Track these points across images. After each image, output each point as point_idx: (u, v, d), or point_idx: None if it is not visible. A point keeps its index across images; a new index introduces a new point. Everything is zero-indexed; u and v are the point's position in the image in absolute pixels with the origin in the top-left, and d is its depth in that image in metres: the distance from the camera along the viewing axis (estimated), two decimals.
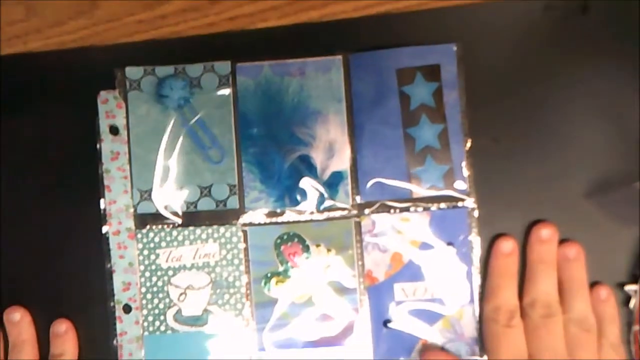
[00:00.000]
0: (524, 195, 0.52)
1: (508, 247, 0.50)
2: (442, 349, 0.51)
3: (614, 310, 0.50)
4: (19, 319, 0.52)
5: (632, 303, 0.50)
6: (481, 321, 0.50)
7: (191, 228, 0.53)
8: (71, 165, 0.53)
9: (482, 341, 0.50)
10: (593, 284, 0.50)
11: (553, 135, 0.52)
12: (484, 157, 0.52)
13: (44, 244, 0.53)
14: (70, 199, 0.53)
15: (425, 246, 0.52)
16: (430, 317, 0.51)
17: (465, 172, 0.51)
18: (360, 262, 0.52)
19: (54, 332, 0.52)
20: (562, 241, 0.50)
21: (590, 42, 0.52)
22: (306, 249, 0.52)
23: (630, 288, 0.50)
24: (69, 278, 0.53)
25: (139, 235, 0.53)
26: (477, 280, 0.51)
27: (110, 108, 0.53)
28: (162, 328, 0.53)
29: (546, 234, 0.50)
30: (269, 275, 0.52)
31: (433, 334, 0.51)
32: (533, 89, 0.52)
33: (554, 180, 0.52)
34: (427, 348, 0.51)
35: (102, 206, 0.53)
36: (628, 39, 0.51)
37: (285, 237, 0.52)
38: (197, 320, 0.53)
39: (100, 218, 0.53)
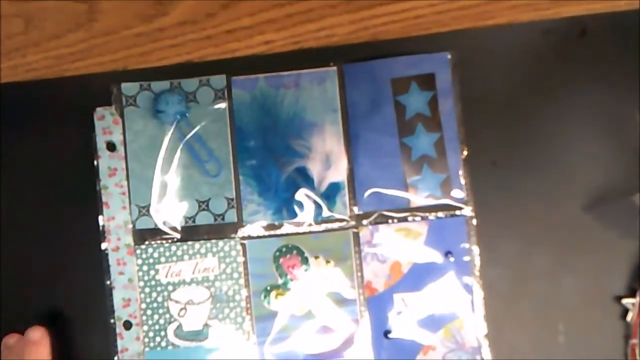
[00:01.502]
0: (522, 204, 0.51)
1: None
2: (444, 358, 0.51)
3: None
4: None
5: (630, 316, 0.50)
6: None
7: (190, 243, 0.53)
8: (69, 183, 0.53)
9: None
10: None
11: (551, 145, 0.52)
12: (481, 165, 0.52)
13: (43, 260, 0.53)
14: (69, 216, 0.53)
15: (424, 256, 0.51)
16: (431, 327, 0.51)
17: (462, 181, 0.51)
18: (359, 273, 0.52)
19: (29, 339, 0.50)
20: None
21: (587, 60, 0.52)
22: (305, 261, 0.52)
23: (628, 301, 0.50)
24: (68, 295, 0.53)
25: (138, 251, 0.53)
26: (476, 289, 0.51)
27: (107, 124, 0.53)
28: (163, 344, 0.52)
29: None
30: (268, 288, 0.52)
31: (434, 344, 0.51)
32: (530, 100, 0.52)
33: (552, 190, 0.51)
34: None
35: (101, 223, 0.53)
36: (624, 59, 0.52)
37: (284, 249, 0.52)
38: (197, 335, 0.52)
39: (99, 234, 0.53)
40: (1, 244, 0.54)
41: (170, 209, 0.53)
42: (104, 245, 0.53)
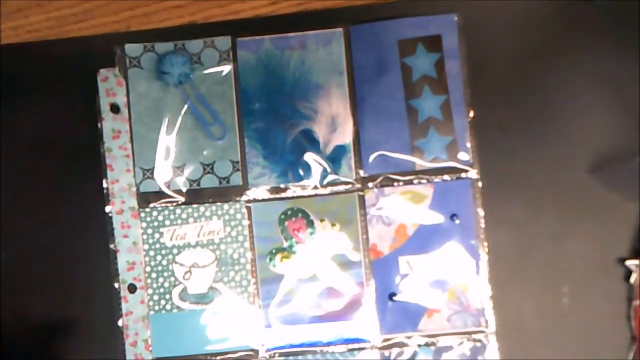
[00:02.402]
0: (527, 166, 0.51)
1: None
2: (449, 320, 0.51)
3: None
4: None
5: (633, 278, 0.50)
6: None
7: (195, 206, 0.53)
8: (73, 145, 0.53)
9: None
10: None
11: (556, 108, 0.52)
12: (487, 128, 0.51)
13: (47, 224, 0.53)
14: (72, 179, 0.53)
15: (429, 219, 0.51)
16: (436, 290, 0.51)
17: (468, 143, 0.51)
18: (364, 236, 0.52)
19: None
20: None
21: (594, 24, 0.52)
22: (310, 224, 0.52)
23: (631, 263, 0.50)
24: (73, 258, 0.53)
25: (143, 214, 0.53)
26: (481, 251, 0.51)
27: (110, 86, 0.53)
28: (168, 307, 0.52)
29: None
30: (273, 251, 0.52)
31: (439, 306, 0.51)
32: (536, 63, 0.52)
33: (557, 152, 0.51)
34: None
35: (104, 185, 0.53)
36: (631, 23, 0.51)
37: (289, 212, 0.52)
38: (202, 298, 0.52)
39: (103, 197, 0.53)
40: (3, 207, 0.53)
41: (174, 172, 0.52)
42: (108, 208, 0.53)
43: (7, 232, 0.53)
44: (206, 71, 0.52)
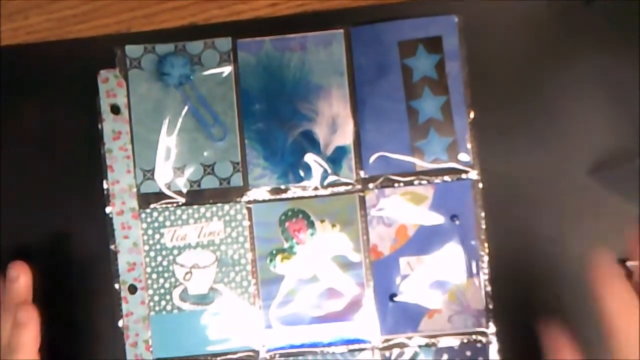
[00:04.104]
0: (528, 167, 0.51)
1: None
2: (449, 321, 0.51)
3: None
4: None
5: (634, 278, 0.50)
6: None
7: (195, 206, 0.53)
8: (73, 146, 0.53)
9: None
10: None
11: (555, 109, 0.52)
12: (487, 129, 0.52)
13: (47, 225, 0.53)
14: (73, 180, 0.53)
15: (430, 219, 0.51)
16: (436, 290, 0.51)
17: (469, 144, 0.51)
18: (365, 237, 0.52)
19: (8, 277, 0.49)
20: None
21: (593, 27, 0.52)
22: (311, 225, 0.52)
23: (632, 264, 0.50)
24: (73, 259, 0.53)
25: (143, 215, 0.53)
26: (481, 252, 0.51)
27: (111, 87, 0.53)
28: (169, 307, 0.53)
29: None
30: (274, 252, 0.52)
31: (439, 307, 0.51)
32: (536, 64, 0.52)
33: (557, 154, 0.52)
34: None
35: (105, 186, 0.53)
36: (630, 26, 0.51)
37: (289, 213, 0.52)
38: (203, 299, 0.52)
39: (104, 198, 0.53)
40: (4, 207, 0.53)
41: (175, 172, 0.53)
42: (108, 209, 0.53)
43: (7, 232, 0.53)
44: (207, 72, 0.52)
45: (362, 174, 0.52)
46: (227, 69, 0.52)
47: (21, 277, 0.49)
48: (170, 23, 0.53)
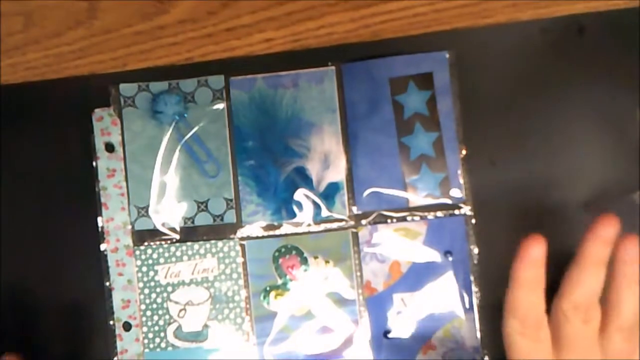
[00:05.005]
0: (522, 202, 0.51)
1: (539, 252, 0.44)
2: (443, 357, 0.51)
3: None
4: None
5: None
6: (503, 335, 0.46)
7: (189, 243, 0.53)
8: (68, 184, 0.53)
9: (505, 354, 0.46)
10: None
11: (550, 144, 0.52)
12: (480, 165, 0.51)
13: (42, 262, 0.53)
14: (67, 217, 0.53)
15: (423, 256, 0.51)
16: (431, 327, 0.51)
17: (461, 180, 0.51)
18: (358, 273, 0.52)
19: None
20: (622, 234, 0.45)
21: (586, 58, 0.52)
22: (304, 261, 0.52)
23: None
24: (67, 296, 0.53)
25: (137, 252, 0.53)
26: (476, 288, 0.51)
27: (105, 125, 0.53)
28: (163, 345, 0.52)
29: (607, 233, 0.44)
30: (267, 288, 0.52)
31: (434, 343, 0.51)
32: (529, 98, 0.52)
33: (551, 188, 0.51)
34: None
35: (99, 224, 0.53)
36: (623, 57, 0.51)
37: (283, 250, 0.52)
38: (197, 336, 0.52)
39: (98, 236, 0.53)
40: (1, 244, 0.54)
41: (169, 209, 0.53)
42: (103, 247, 0.53)
43: (2, 269, 0.54)
44: (200, 110, 0.53)
45: (354, 209, 0.52)
46: (220, 106, 0.53)
47: None
48: (166, 59, 0.54)
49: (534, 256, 0.44)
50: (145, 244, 0.53)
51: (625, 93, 0.51)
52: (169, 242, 0.53)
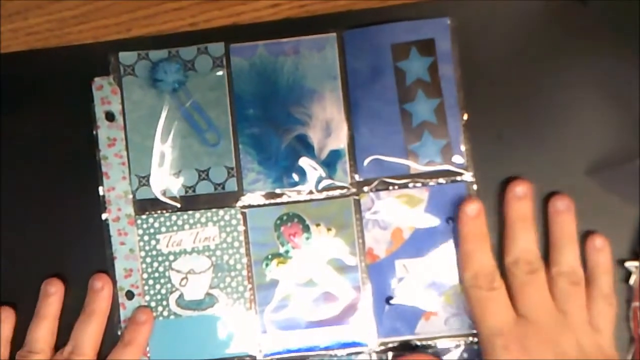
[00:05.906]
0: (523, 169, 0.51)
1: (474, 209, 0.49)
2: (446, 323, 0.51)
3: (608, 260, 0.49)
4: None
5: (633, 279, 0.50)
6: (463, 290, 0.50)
7: (190, 212, 0.53)
8: (69, 153, 0.53)
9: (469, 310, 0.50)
10: (587, 233, 0.50)
11: (552, 111, 0.51)
12: (481, 131, 0.51)
13: (43, 232, 0.53)
14: (68, 187, 0.53)
15: (425, 222, 0.51)
16: (433, 293, 0.51)
17: (463, 147, 0.51)
18: (360, 240, 0.52)
19: (44, 292, 0.52)
20: (551, 194, 0.50)
21: (589, 27, 0.51)
22: (306, 229, 0.52)
23: (630, 264, 0.50)
24: (70, 266, 0.53)
25: (139, 221, 0.53)
26: None
27: (105, 94, 0.53)
28: (165, 313, 0.53)
29: (522, 190, 0.49)
30: (269, 256, 0.52)
31: (436, 309, 0.51)
32: (530, 65, 0.52)
33: (553, 155, 0.51)
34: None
35: (101, 193, 0.53)
36: (626, 25, 0.51)
37: (284, 217, 0.52)
38: (199, 305, 0.52)
39: (100, 205, 0.53)
40: (1, 215, 0.53)
41: (170, 178, 0.53)
42: (104, 216, 0.53)
43: (3, 239, 0.53)
44: (200, 78, 0.52)
45: (356, 177, 0.52)
46: (220, 74, 0.52)
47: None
48: (171, 24, 0.53)
49: (468, 213, 0.49)
50: (147, 213, 0.53)
51: (628, 61, 0.51)
52: (170, 211, 0.53)
